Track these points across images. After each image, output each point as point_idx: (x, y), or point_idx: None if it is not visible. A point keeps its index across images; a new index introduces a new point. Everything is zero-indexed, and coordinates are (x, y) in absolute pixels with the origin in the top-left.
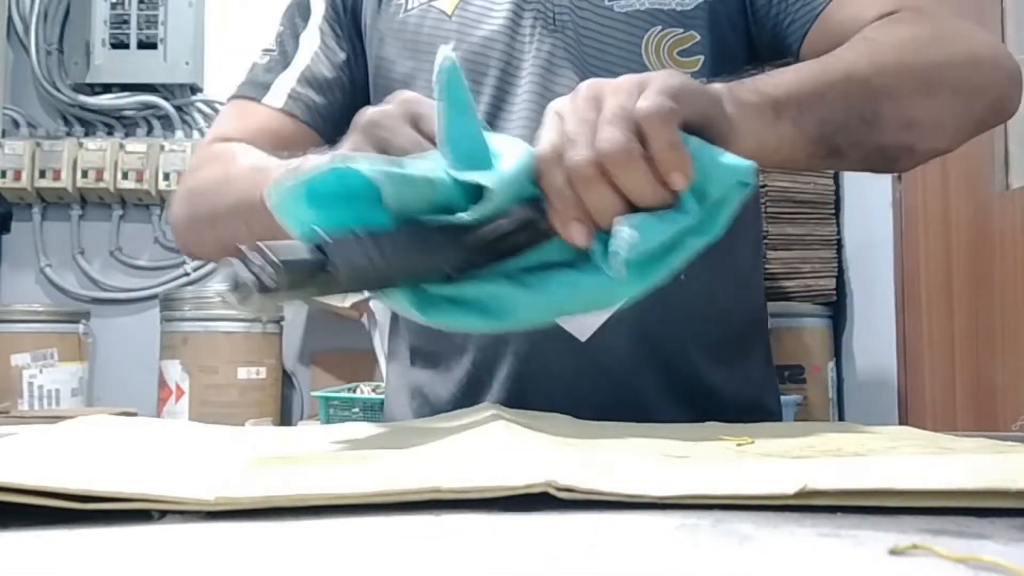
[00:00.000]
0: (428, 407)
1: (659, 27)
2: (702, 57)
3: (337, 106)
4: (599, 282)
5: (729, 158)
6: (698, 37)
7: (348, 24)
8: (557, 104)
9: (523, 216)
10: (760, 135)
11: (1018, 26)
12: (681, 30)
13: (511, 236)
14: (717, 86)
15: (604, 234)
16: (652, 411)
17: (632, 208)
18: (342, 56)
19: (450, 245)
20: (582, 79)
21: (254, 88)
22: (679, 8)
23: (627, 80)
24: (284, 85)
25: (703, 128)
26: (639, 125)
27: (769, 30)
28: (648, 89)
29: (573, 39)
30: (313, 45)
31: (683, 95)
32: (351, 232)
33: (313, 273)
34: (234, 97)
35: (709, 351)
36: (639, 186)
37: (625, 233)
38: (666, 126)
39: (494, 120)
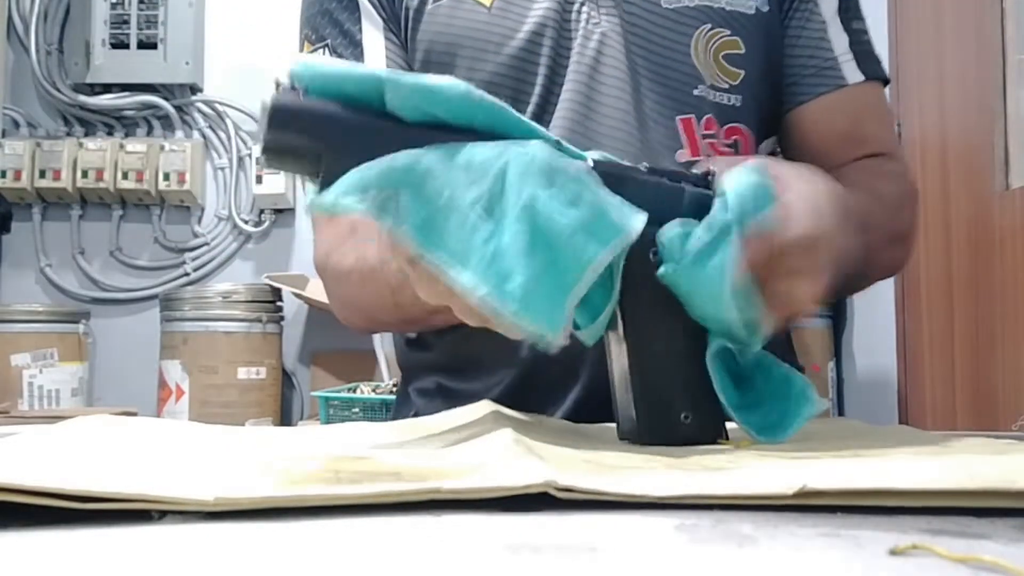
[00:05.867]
0: None
1: (708, 25)
2: (743, 72)
3: None
4: None
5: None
6: (743, 49)
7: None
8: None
9: None
10: None
11: (1018, 26)
12: (728, 32)
13: None
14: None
15: None
16: None
17: None
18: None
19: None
20: (629, 78)
21: None
22: (728, 8)
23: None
24: None
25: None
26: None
27: (782, 77)
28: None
29: (620, 36)
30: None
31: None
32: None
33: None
34: None
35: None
36: None
37: None
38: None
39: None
